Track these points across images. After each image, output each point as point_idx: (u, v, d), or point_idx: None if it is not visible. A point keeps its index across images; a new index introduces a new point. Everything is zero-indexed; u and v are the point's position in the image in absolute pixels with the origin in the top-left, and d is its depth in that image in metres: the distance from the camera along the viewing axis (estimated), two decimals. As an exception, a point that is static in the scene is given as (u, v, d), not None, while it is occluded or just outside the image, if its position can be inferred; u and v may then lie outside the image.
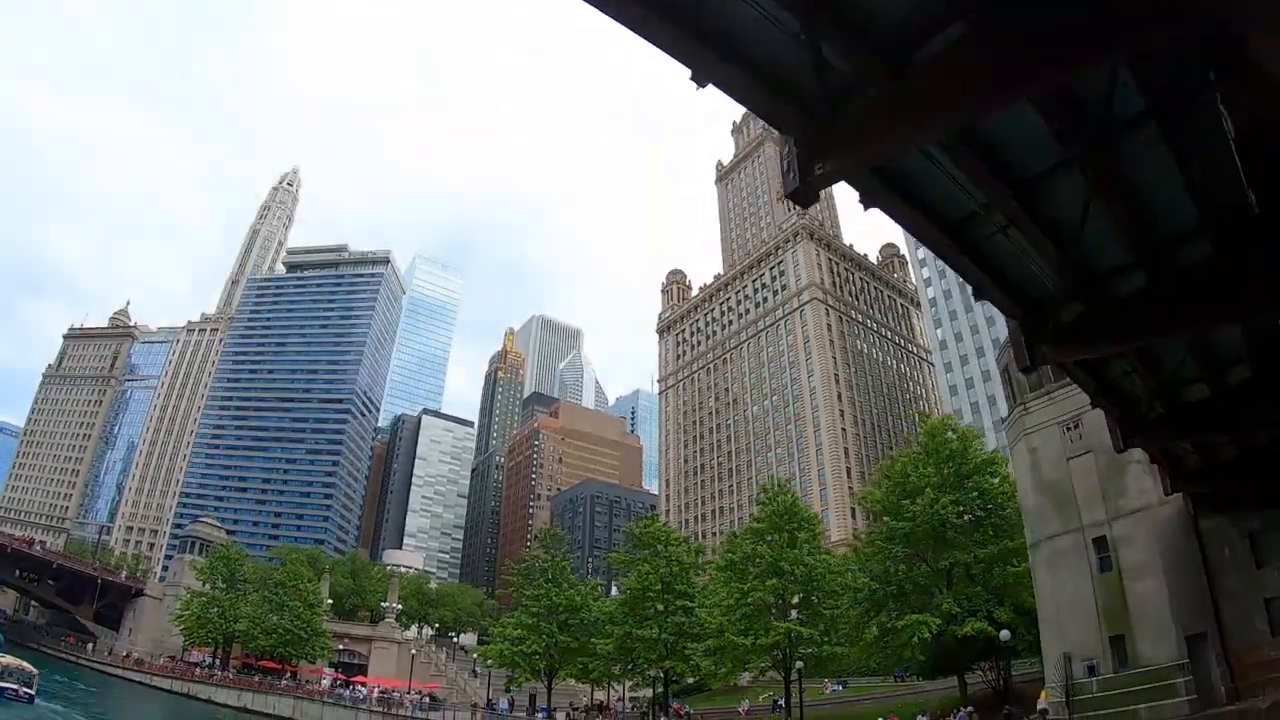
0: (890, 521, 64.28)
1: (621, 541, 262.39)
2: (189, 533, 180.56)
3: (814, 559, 75.91)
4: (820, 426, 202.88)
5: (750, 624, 72.71)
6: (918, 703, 74.04)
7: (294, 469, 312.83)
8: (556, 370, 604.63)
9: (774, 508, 79.15)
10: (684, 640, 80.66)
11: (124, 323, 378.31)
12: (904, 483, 66.34)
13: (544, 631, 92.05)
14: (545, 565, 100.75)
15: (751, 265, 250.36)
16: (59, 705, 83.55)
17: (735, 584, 75.72)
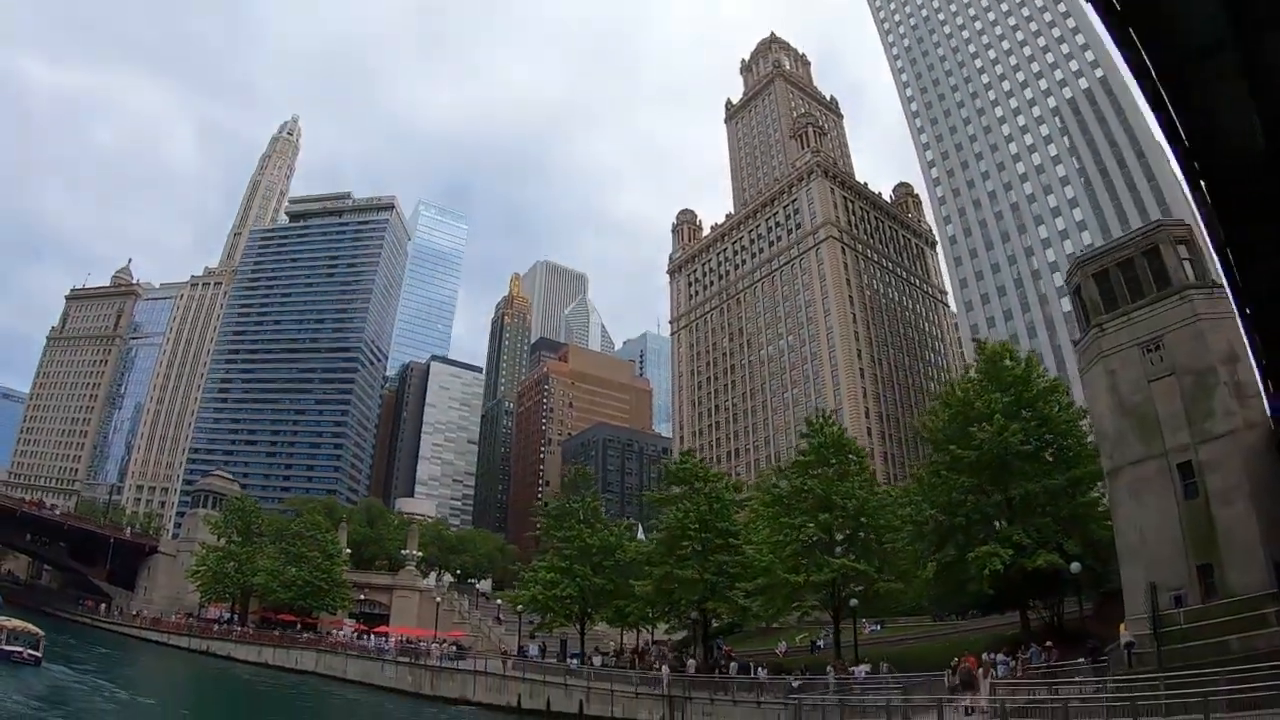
0: (956, 449, 60.45)
1: (654, 480, 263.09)
2: (201, 487, 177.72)
3: (865, 492, 72.18)
4: (838, 365, 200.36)
5: (801, 561, 69.12)
6: (965, 641, 70.52)
7: (303, 420, 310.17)
8: (562, 315, 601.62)
9: (821, 440, 75.21)
10: (726, 579, 76.81)
11: (126, 281, 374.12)
12: (966, 410, 62.69)
13: (577, 574, 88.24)
14: (577, 505, 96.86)
15: (765, 204, 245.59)
16: (67, 667, 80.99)
17: (784, 519, 71.92)
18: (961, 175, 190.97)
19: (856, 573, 67.24)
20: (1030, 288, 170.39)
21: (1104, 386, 49.82)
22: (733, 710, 61.87)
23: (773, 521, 74.48)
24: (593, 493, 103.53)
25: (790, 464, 78.23)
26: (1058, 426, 61.65)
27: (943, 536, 62.08)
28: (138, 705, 67.04)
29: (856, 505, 69.65)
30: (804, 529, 69.43)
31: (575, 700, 72.33)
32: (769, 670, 67.12)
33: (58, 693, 65.76)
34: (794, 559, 69.32)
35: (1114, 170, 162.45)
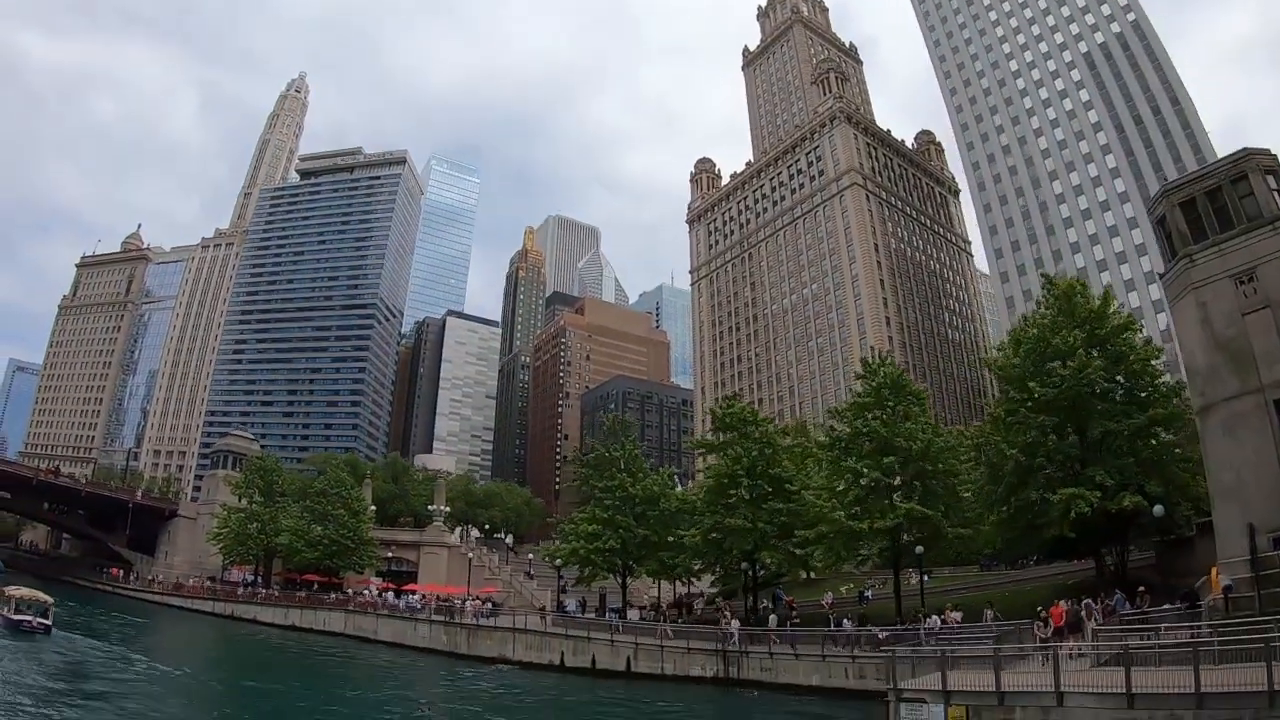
0: (1037, 386, 56.86)
1: (675, 432, 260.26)
2: (220, 447, 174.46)
3: (929, 435, 68.14)
4: (863, 314, 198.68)
5: (865, 507, 65.79)
6: (1023, 591, 68.94)
7: (320, 378, 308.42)
8: (575, 269, 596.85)
9: (880, 380, 71.25)
10: (778, 528, 72.96)
11: (136, 246, 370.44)
12: (1042, 346, 59.13)
13: (620, 526, 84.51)
14: (618, 454, 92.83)
15: (785, 151, 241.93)
16: (82, 635, 77.96)
17: (844, 463, 68.31)
18: (990, 120, 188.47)
19: (923, 518, 63.55)
20: (1062, 234, 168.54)
21: (1194, 319, 46.20)
22: (795, 664, 59.20)
23: (832, 465, 70.79)
24: (632, 440, 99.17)
25: (847, 405, 73.78)
26: (1132, 366, 58.40)
27: (1022, 478, 58.37)
28: (155, 673, 63.55)
29: (920, 448, 65.96)
30: (866, 473, 65.79)
31: (622, 657, 69.33)
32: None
33: (67, 662, 62.62)
34: (855, 505, 66.03)
35: (1147, 117, 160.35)
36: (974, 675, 35.58)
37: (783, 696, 57.06)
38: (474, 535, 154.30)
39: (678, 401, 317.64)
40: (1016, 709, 32.02)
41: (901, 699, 36.30)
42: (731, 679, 62.32)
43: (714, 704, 59.52)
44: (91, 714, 44.55)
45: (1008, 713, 32.26)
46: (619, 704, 58.05)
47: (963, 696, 33.85)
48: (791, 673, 59.23)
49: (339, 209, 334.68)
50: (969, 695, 33.74)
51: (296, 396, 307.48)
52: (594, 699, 59.99)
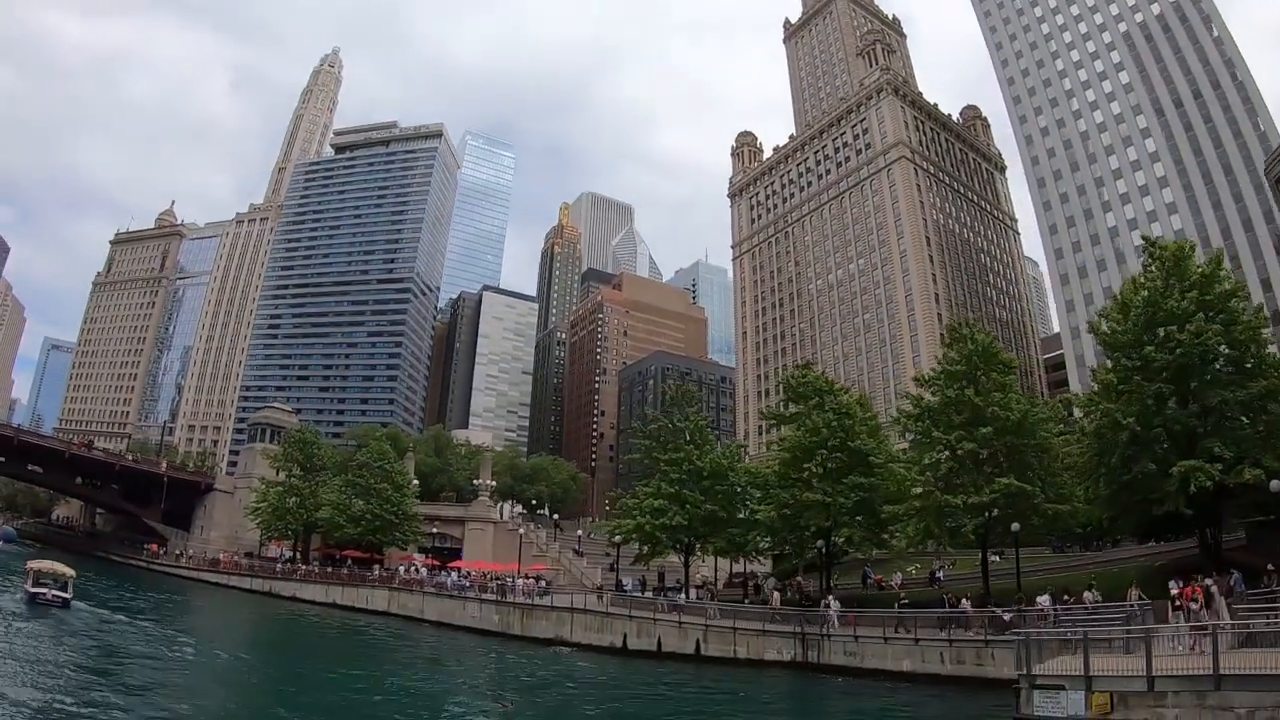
0: (1152, 352, 52.62)
1: (714, 410, 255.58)
2: (258, 420, 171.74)
3: (1023, 405, 63.93)
4: (912, 290, 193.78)
5: (957, 481, 61.59)
6: (1110, 573, 63.14)
7: (355, 353, 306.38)
8: (609, 247, 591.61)
9: (972, 348, 67.02)
10: (860, 503, 68.60)
11: (170, 222, 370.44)
12: (1153, 310, 54.70)
13: (687, 501, 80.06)
14: (683, 425, 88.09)
15: (830, 124, 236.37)
16: (103, 610, 75.37)
17: (936, 434, 64.00)
18: (1044, 93, 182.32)
19: (1018, 494, 59.07)
20: (1119, 210, 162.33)
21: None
22: (883, 648, 55.52)
23: (922, 437, 66.49)
24: (696, 411, 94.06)
25: (936, 374, 69.18)
26: (1243, 333, 53.84)
27: (1137, 449, 53.95)
28: (183, 651, 60.21)
29: (1016, 419, 61.74)
30: (962, 445, 61.66)
31: (691, 640, 65.45)
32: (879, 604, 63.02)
33: (75, 637, 59.49)
34: (949, 478, 62.04)
35: (1208, 93, 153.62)
36: (1114, 660, 33.23)
37: (869, 683, 53.36)
38: (517, 511, 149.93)
39: (716, 378, 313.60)
40: (1169, 694, 29.26)
41: (1035, 685, 33.44)
42: (810, 664, 58.80)
43: (797, 691, 55.61)
44: (82, 696, 40.60)
45: (1158, 699, 29.54)
46: (716, 690, 54.62)
47: (1106, 682, 31.06)
48: (879, 657, 55.62)
49: (374, 183, 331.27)
50: (1113, 680, 31.04)
51: (332, 371, 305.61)
52: (698, 686, 56.21)
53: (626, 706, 50.54)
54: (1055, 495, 62.04)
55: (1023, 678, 34.45)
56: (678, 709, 49.67)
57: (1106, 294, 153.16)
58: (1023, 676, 34.48)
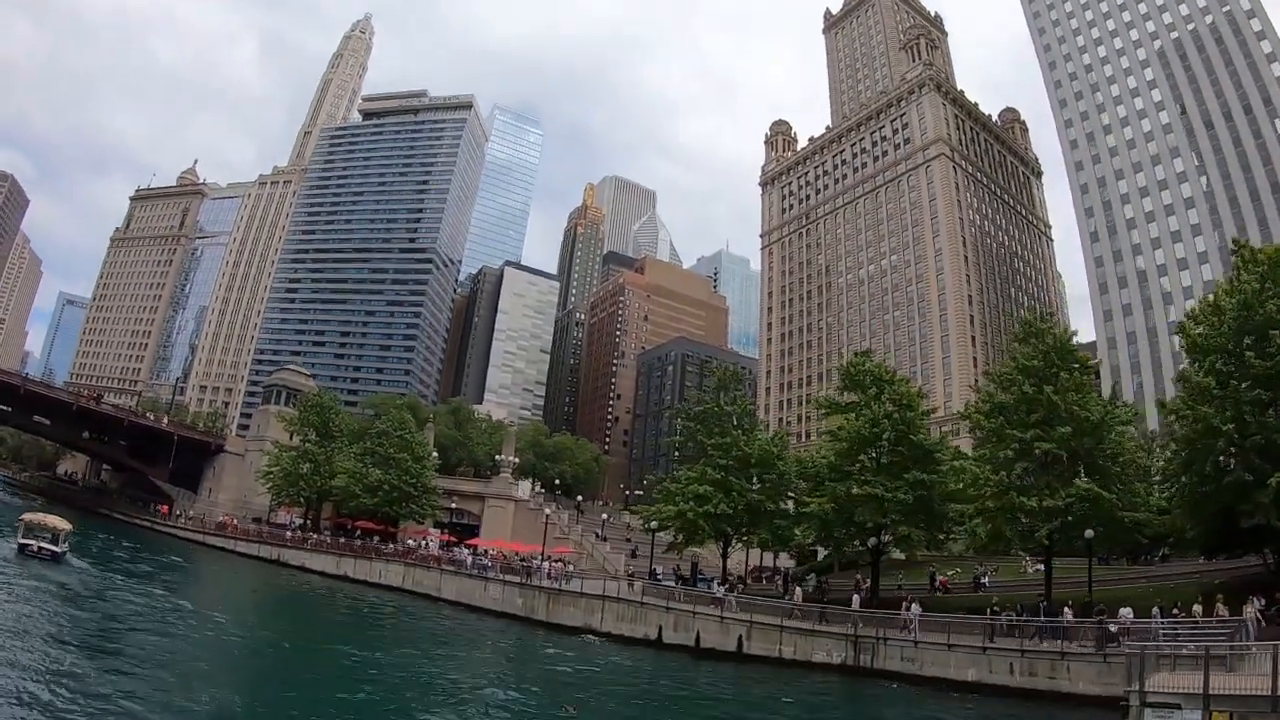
0: (1252, 357, 49.17)
1: (766, 396, 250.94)
2: (274, 381, 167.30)
3: (1102, 407, 60.38)
4: (945, 289, 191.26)
5: (1035, 482, 57.94)
6: (1165, 589, 59.54)
7: (373, 321, 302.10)
8: (631, 231, 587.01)
9: (1050, 343, 62.99)
10: (916, 499, 64.51)
11: (192, 181, 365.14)
12: (1249, 315, 51.20)
13: (734, 488, 75.75)
14: (730, 409, 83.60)
15: (869, 117, 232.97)
16: (94, 565, 72.78)
17: (1013, 432, 59.77)
18: (1091, 99, 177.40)
19: (1098, 499, 55.01)
20: (1163, 221, 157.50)
21: None
22: (946, 655, 52.25)
23: (995, 434, 62.04)
24: (744, 395, 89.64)
25: (1009, 369, 64.80)
26: None
27: (1231, 457, 50.48)
28: (179, 616, 56.40)
29: (1095, 420, 58.14)
30: (1038, 444, 57.75)
31: (734, 636, 61.32)
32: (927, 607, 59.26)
33: (62, 592, 56.52)
34: (1022, 479, 58.53)
35: (1259, 109, 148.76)
36: (1230, 678, 31.54)
37: (930, 692, 50.06)
38: (538, 490, 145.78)
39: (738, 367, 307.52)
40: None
41: (1147, 703, 31.86)
42: (863, 668, 55.01)
43: (853, 696, 51.74)
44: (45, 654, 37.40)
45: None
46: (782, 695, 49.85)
47: (1227, 701, 29.18)
48: (941, 665, 52.17)
49: (401, 152, 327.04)
50: (1234, 700, 29.17)
51: (349, 339, 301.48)
52: (775, 689, 51.62)
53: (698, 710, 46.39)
54: (1128, 503, 58.53)
55: (1133, 694, 32.75)
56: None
57: (1146, 304, 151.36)
58: (1133, 693, 32.75)
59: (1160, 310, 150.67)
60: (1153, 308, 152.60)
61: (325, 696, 39.02)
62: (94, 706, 30.69)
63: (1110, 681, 44.12)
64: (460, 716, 37.56)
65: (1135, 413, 67.32)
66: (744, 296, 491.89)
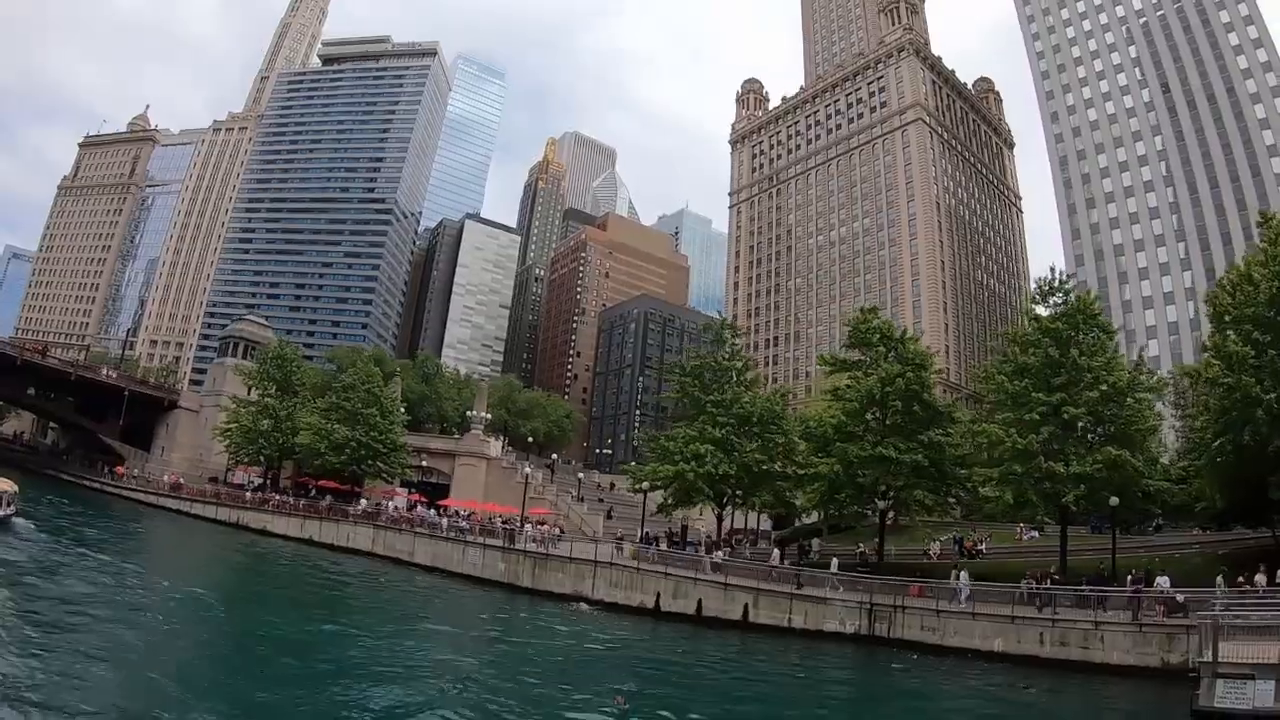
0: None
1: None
2: (231, 332, 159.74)
3: (1125, 372, 58.93)
4: (918, 254, 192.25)
5: (1060, 446, 56.16)
6: (1173, 560, 60.12)
7: (330, 273, 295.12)
8: (590, 188, 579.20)
9: (1075, 305, 61.32)
10: (930, 461, 61.82)
11: (143, 127, 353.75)
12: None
13: (736, 449, 72.01)
14: (730, 364, 79.53)
15: (845, 79, 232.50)
16: (37, 528, 67.68)
17: (1037, 394, 57.45)
18: (1073, 71, 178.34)
19: (1125, 466, 53.63)
20: (1141, 197, 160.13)
21: None
22: (970, 625, 50.81)
23: (1019, 397, 59.44)
24: (740, 348, 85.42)
25: (1033, 330, 62.76)
26: None
27: (1270, 426, 48.21)
28: (128, 582, 52.15)
29: (1123, 385, 57.03)
30: (1065, 409, 56.02)
31: (739, 604, 58.21)
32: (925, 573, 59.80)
33: (11, 562, 51.36)
34: (1049, 443, 56.32)
35: (1241, 91, 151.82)
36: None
37: (951, 663, 48.27)
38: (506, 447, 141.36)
39: (699, 328, 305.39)
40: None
41: (1219, 674, 31.11)
42: (879, 638, 52.81)
43: (877, 669, 49.28)
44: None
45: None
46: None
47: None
48: (964, 634, 50.52)
49: (361, 99, 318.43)
50: None
51: (305, 290, 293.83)
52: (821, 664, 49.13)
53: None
54: (1150, 470, 57.58)
55: (1204, 665, 32.02)
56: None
57: (1122, 279, 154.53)
58: (1204, 664, 32.01)
59: (1136, 285, 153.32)
60: (1129, 282, 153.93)
61: (297, 680, 34.63)
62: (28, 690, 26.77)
63: (1145, 651, 44.62)
64: (468, 704, 33.18)
65: (1162, 381, 64.89)
66: (705, 257, 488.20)
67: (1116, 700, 41.68)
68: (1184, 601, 45.14)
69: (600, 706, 33.88)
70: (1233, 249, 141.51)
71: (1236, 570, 48.91)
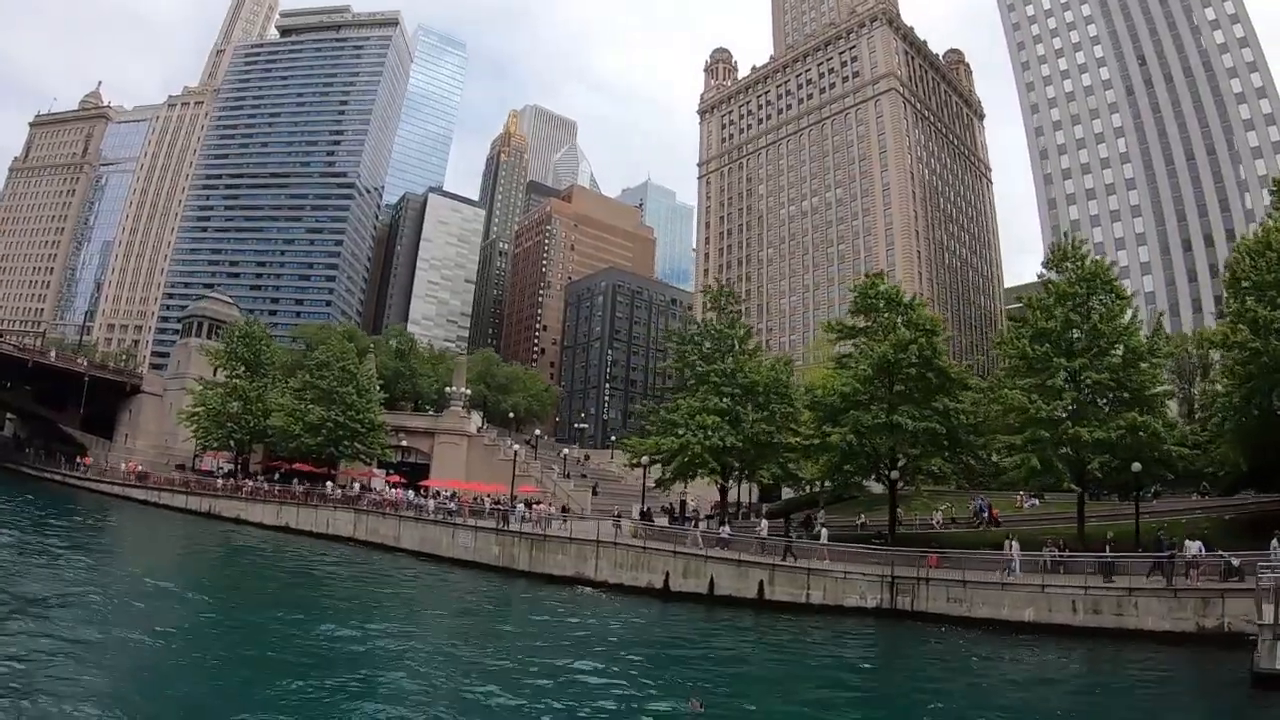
0: None
1: (663, 332, 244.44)
2: (195, 311, 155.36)
3: (1145, 338, 59.21)
4: (893, 225, 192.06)
5: (1082, 412, 55.74)
6: (1180, 524, 58.40)
7: (292, 250, 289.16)
8: (551, 162, 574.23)
9: (1092, 268, 60.45)
10: (944, 427, 60.23)
11: (96, 104, 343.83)
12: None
13: (743, 420, 69.38)
14: (732, 333, 76.71)
15: (816, 48, 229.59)
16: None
17: (1059, 359, 56.64)
18: (1050, 43, 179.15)
19: (1148, 431, 52.94)
20: (1118, 169, 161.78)
21: None
22: (999, 595, 49.49)
23: (1039, 361, 58.32)
24: (739, 314, 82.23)
25: (1048, 294, 61.38)
26: None
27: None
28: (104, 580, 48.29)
29: (1143, 349, 57.23)
30: (1087, 374, 55.81)
31: (753, 581, 55.78)
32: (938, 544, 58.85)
33: None
34: (1072, 409, 55.96)
35: (1218, 66, 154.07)
36: None
37: (984, 635, 46.73)
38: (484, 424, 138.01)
39: (667, 300, 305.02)
40: None
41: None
42: (902, 611, 51.40)
43: (906, 642, 47.78)
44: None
45: None
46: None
47: None
48: (993, 605, 49.25)
49: (321, 71, 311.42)
50: None
51: (266, 269, 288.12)
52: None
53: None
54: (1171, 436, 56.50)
55: (1264, 628, 32.44)
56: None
57: (1098, 250, 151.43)
58: (1264, 626, 32.45)
59: (1112, 256, 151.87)
60: (1105, 253, 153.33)
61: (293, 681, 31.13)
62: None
63: (1180, 616, 44.18)
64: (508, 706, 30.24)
65: (1179, 346, 64.05)
66: (669, 229, 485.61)
67: (1167, 667, 40.20)
68: (1240, 565, 44.19)
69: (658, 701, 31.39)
70: (1209, 220, 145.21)
71: (1252, 533, 49.12)
